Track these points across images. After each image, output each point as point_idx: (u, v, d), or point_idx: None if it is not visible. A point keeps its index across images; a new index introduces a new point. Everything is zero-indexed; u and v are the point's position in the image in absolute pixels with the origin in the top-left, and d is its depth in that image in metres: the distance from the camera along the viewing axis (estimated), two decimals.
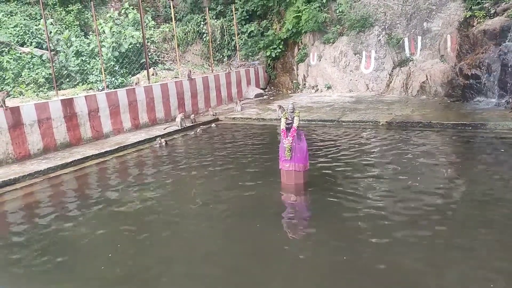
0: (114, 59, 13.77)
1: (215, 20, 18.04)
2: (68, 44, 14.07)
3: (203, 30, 17.60)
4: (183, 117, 12.15)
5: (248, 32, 17.85)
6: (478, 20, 12.89)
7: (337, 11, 16.07)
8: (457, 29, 13.55)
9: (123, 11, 16.97)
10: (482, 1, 13.09)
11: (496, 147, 8.71)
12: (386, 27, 15.20)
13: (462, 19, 13.45)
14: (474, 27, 12.91)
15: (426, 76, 14.03)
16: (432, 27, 14.27)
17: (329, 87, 16.33)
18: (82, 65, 13.46)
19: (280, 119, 6.95)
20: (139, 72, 14.23)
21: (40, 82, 12.24)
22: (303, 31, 16.56)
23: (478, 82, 11.93)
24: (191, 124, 12.29)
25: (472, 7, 13.24)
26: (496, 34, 11.91)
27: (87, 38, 15.40)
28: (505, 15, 12.22)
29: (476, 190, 6.49)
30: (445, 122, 10.36)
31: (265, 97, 16.76)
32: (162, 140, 10.52)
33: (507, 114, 10.40)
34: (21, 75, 12.51)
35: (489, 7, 12.91)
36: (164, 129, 11.78)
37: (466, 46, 13.07)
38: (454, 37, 13.58)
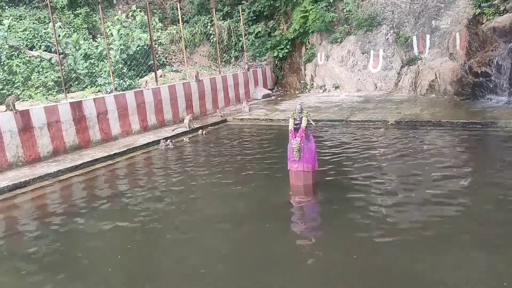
0: (122, 62, 13.82)
1: (222, 21, 18.05)
2: (77, 47, 14.16)
3: (210, 32, 17.61)
4: (191, 118, 12.17)
5: (255, 32, 17.83)
6: (488, 18, 12.74)
7: (345, 11, 15.99)
8: (466, 27, 13.41)
9: (130, 14, 17.04)
10: None
11: (508, 145, 8.61)
12: (394, 25, 15.09)
13: (471, 17, 13.32)
14: (483, 25, 12.76)
15: (435, 74, 13.92)
16: (441, 25, 14.15)
17: (337, 87, 16.25)
18: (91, 68, 13.52)
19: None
20: (147, 74, 14.28)
21: (49, 85, 12.32)
22: (310, 31, 16.49)
23: (488, 80, 11.80)
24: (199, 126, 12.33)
25: (481, 4, 13.09)
26: (506, 31, 11.77)
27: (95, 41, 15.48)
28: None
29: (490, 188, 6.42)
30: (455, 120, 10.26)
31: (273, 97, 16.73)
32: (169, 141, 10.52)
33: None
34: (31, 79, 12.60)
35: (499, 4, 12.74)
36: (172, 130, 11.81)
37: (475, 44, 12.94)
38: (463, 34, 13.45)
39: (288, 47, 17.28)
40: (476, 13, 13.13)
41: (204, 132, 11.77)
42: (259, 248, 5.24)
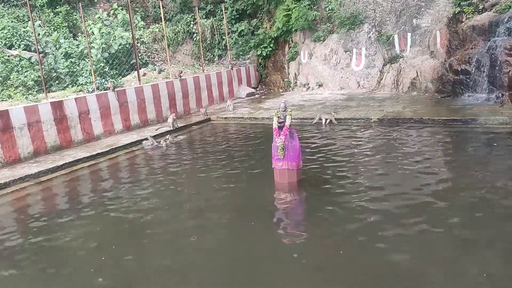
0: (104, 61, 13.67)
1: (205, 20, 17.98)
2: (57, 46, 13.95)
3: (193, 30, 17.53)
4: (175, 117, 12.08)
5: (239, 31, 17.80)
6: (467, 16, 12.98)
7: (327, 9, 16.09)
8: (446, 25, 13.63)
9: (112, 12, 16.83)
10: None
11: (488, 142, 8.79)
12: (376, 24, 15.24)
13: (451, 15, 13.54)
14: (463, 23, 12.99)
15: (417, 72, 14.11)
16: (422, 24, 14.34)
17: (320, 85, 16.35)
18: (72, 67, 13.34)
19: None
20: (130, 73, 14.14)
21: (29, 85, 12.12)
22: (293, 29, 16.56)
23: (468, 78, 12.00)
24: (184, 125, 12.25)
25: (461, 3, 13.32)
26: (485, 30, 11.99)
27: (76, 40, 15.28)
28: (493, 10, 12.32)
29: (472, 183, 6.53)
30: (436, 118, 10.41)
31: (256, 96, 16.74)
32: (160, 139, 10.46)
33: (497, 109, 10.49)
34: (10, 78, 12.37)
35: (478, 3, 13.00)
36: (155, 130, 11.71)
37: (455, 42, 13.16)
38: (444, 33, 13.67)
39: (271, 45, 17.31)
40: (456, 12, 13.35)
41: (168, 138, 10.63)
42: (245, 246, 5.24)
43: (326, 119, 11.24)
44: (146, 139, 10.48)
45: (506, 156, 7.82)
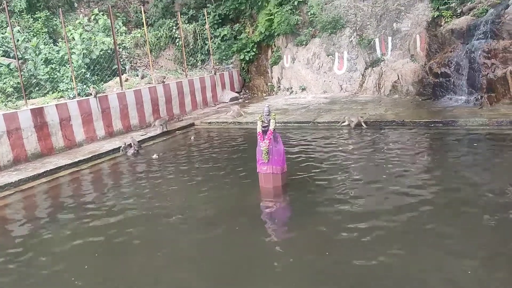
0: (85, 66, 13.52)
1: (188, 25, 17.92)
2: (37, 52, 13.73)
3: (176, 35, 17.46)
4: (162, 123, 11.99)
5: (221, 36, 17.79)
6: (446, 20, 13.23)
7: (309, 13, 16.21)
8: (426, 29, 13.87)
9: (93, 17, 16.68)
10: (449, 1, 13.44)
11: (469, 142, 8.96)
12: (357, 28, 15.42)
13: (430, 19, 13.79)
14: (442, 27, 13.24)
15: (398, 75, 14.31)
16: (402, 28, 14.56)
17: (303, 89, 16.44)
18: (52, 73, 13.14)
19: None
20: (111, 79, 13.99)
21: (8, 91, 11.89)
22: (276, 33, 16.63)
23: (447, 80, 12.22)
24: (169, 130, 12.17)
25: (439, 7, 13.58)
26: (463, 33, 12.23)
27: (56, 45, 15.06)
28: (471, 14, 12.57)
29: (455, 182, 6.64)
30: (417, 120, 10.56)
31: (240, 100, 16.74)
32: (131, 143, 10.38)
33: (476, 111, 10.69)
34: None
35: (456, 7, 13.26)
36: (141, 135, 11.60)
37: (435, 45, 13.41)
38: (423, 36, 13.91)
39: (254, 50, 17.35)
40: (435, 16, 13.60)
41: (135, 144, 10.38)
42: (230, 250, 5.22)
43: (352, 122, 10.78)
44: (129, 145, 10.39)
45: (485, 156, 7.98)
